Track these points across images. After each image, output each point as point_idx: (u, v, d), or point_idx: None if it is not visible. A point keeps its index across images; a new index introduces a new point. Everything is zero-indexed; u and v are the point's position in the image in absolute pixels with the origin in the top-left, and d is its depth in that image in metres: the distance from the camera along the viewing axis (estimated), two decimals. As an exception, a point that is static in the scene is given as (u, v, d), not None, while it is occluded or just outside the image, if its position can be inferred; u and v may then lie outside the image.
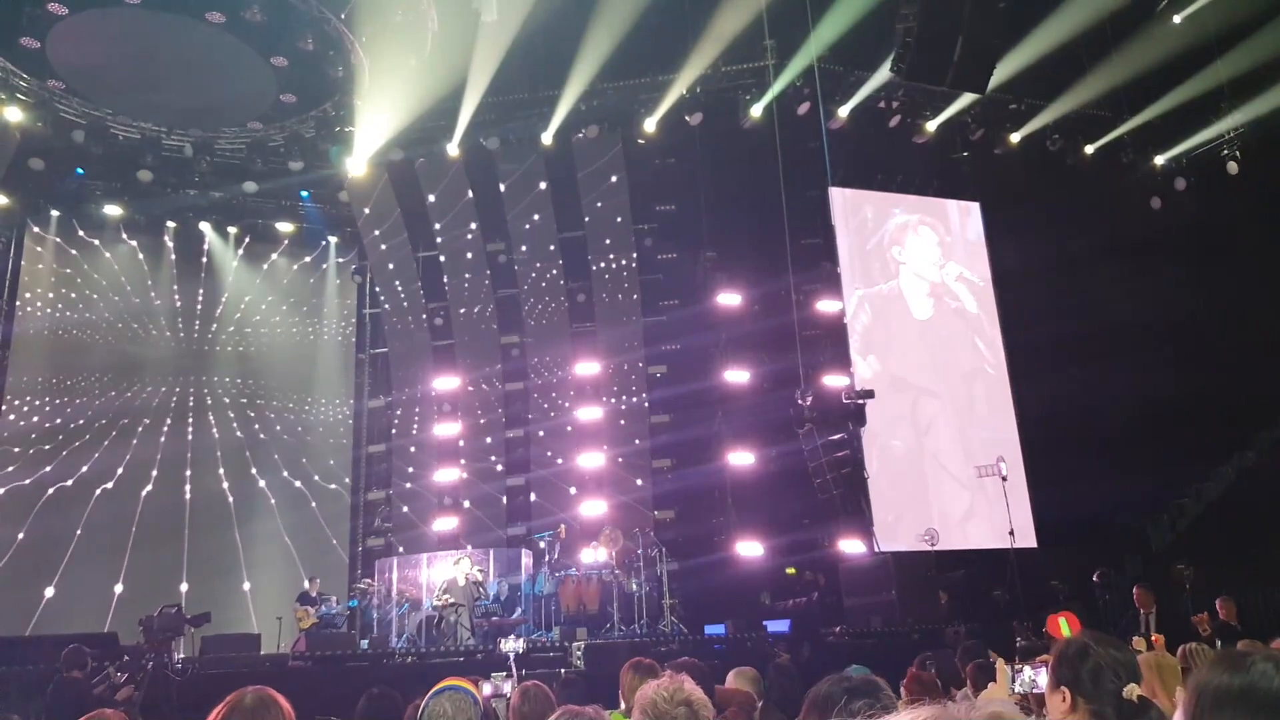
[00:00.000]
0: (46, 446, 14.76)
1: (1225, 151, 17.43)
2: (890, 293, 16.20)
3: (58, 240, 15.94)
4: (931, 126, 16.42)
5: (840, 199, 16.21)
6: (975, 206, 17.27)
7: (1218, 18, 15.41)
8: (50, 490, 14.53)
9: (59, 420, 14.99)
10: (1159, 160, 18.08)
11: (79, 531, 14.40)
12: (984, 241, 17.15)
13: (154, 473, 15.24)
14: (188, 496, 15.44)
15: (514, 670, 6.19)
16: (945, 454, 15.80)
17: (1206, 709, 1.33)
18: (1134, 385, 17.28)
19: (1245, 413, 17.76)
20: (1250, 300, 17.90)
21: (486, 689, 4.31)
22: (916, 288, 16.39)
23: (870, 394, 13.06)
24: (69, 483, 14.66)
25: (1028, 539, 14.82)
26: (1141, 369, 17.31)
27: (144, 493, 15.08)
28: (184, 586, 14.34)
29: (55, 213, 15.89)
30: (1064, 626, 7.14)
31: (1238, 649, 1.44)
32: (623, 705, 4.09)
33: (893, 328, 16.03)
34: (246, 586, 14.98)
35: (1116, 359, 17.20)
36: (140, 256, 16.56)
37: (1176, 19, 15.86)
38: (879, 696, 2.31)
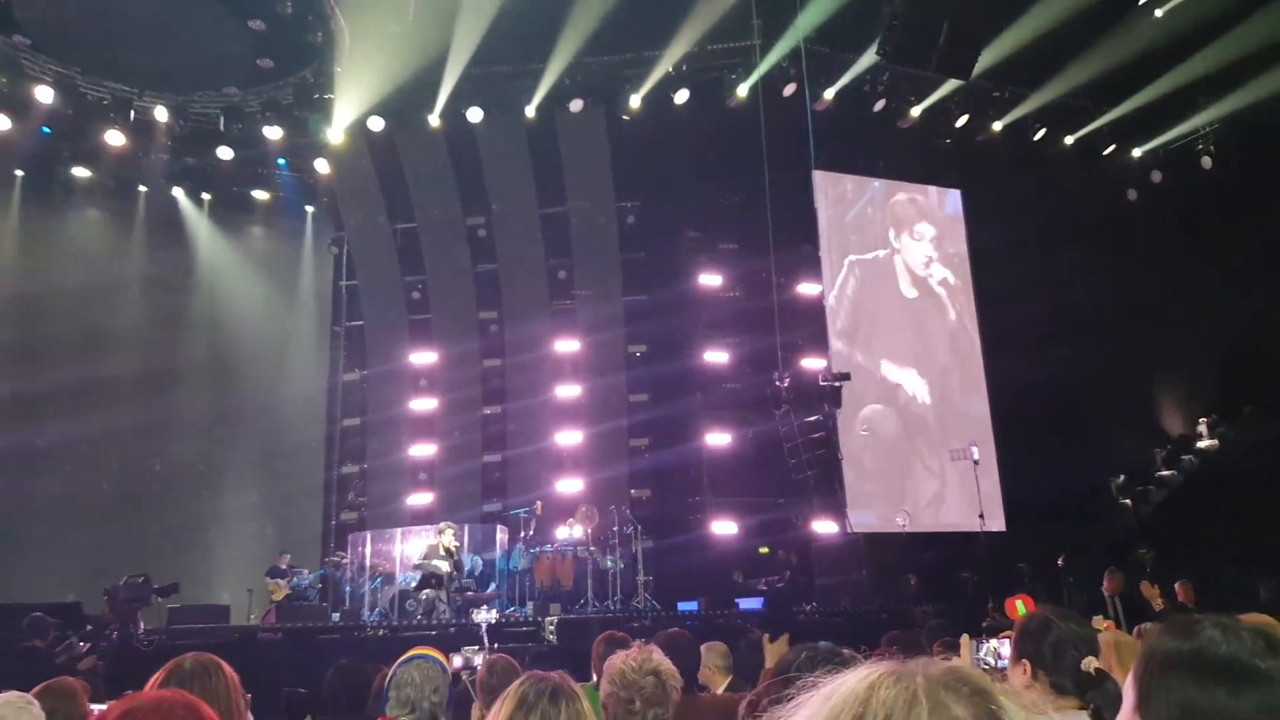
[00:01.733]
0: (11, 415, 14.48)
1: (1200, 146, 17.60)
2: (881, 268, 16.35)
3: (22, 203, 15.55)
4: (916, 111, 16.42)
5: (823, 182, 16.21)
6: (956, 193, 17.34)
7: (1196, 13, 15.51)
8: (14, 459, 14.27)
9: (25, 388, 14.70)
10: (1136, 152, 18.24)
11: (44, 501, 14.18)
12: (964, 228, 17.25)
13: (123, 443, 15.01)
14: (158, 468, 15.26)
15: (486, 642, 6.18)
16: (919, 437, 15.93)
17: (1155, 673, 1.35)
18: (1106, 372, 17.53)
19: (1209, 401, 18.08)
20: (1219, 290, 18.16)
21: (457, 661, 4.30)
22: (904, 277, 16.58)
23: (846, 376, 13.14)
24: (34, 452, 14.41)
25: (997, 522, 15.01)
26: (1113, 356, 17.56)
27: (113, 463, 14.88)
28: (152, 557, 14.17)
29: (20, 173, 15.50)
30: (1021, 608, 7.24)
31: (1188, 617, 1.45)
32: (594, 678, 4.10)
33: (879, 303, 16.20)
34: (222, 578, 14.78)
35: (1089, 347, 17.41)
36: (110, 222, 16.25)
37: (1158, 13, 15.94)
38: (843, 661, 2.32)
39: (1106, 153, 18.01)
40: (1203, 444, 17.42)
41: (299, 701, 5.58)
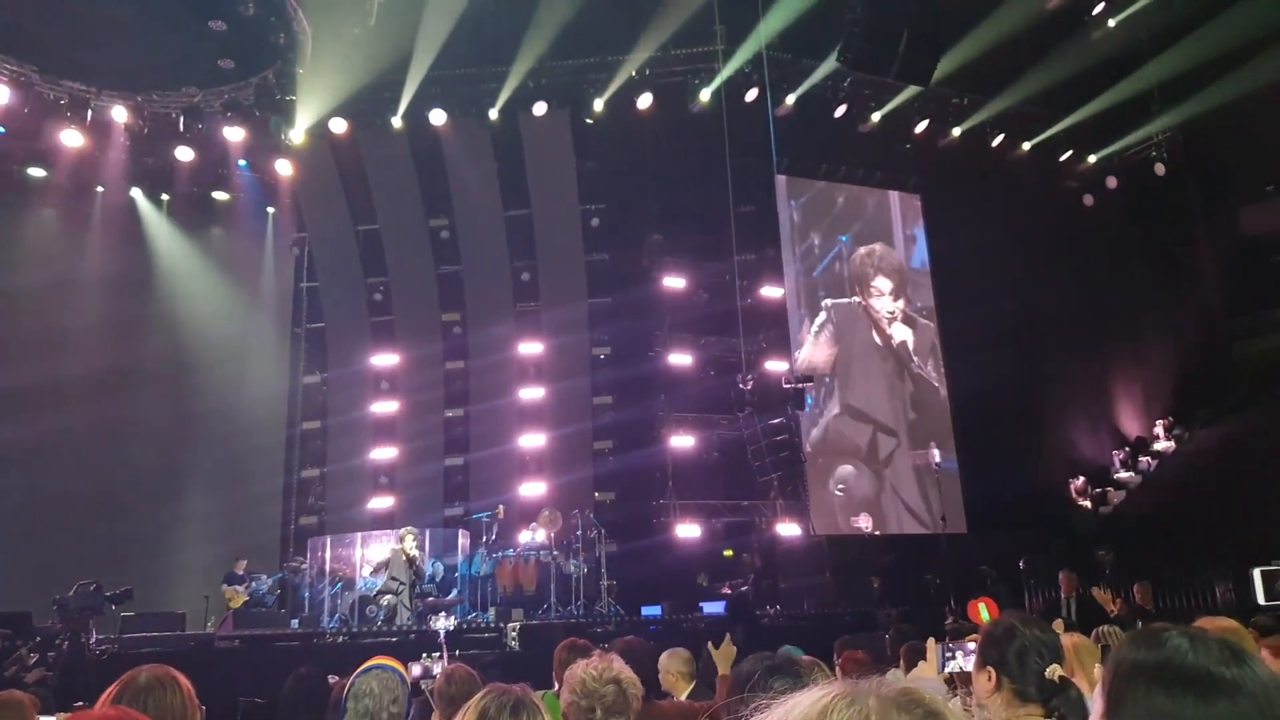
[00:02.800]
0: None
1: (1154, 153, 18.00)
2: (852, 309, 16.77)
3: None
4: (876, 117, 16.62)
5: (786, 186, 16.35)
6: (916, 198, 17.58)
7: (1149, 23, 15.88)
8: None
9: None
10: (1092, 159, 18.61)
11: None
12: (924, 232, 17.49)
13: (77, 446, 14.65)
14: (115, 471, 14.91)
15: (445, 650, 6.13)
16: (881, 440, 16.09)
17: (1124, 683, 1.36)
18: (1064, 375, 17.85)
19: (1166, 403, 18.46)
20: (1175, 294, 18.58)
21: (416, 670, 4.25)
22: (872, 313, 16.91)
23: (809, 379, 13.25)
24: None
25: (958, 524, 15.20)
26: (1071, 359, 17.88)
27: (66, 466, 14.51)
28: (105, 563, 13.84)
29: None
30: (983, 612, 7.33)
31: (1154, 626, 1.47)
32: (556, 686, 4.07)
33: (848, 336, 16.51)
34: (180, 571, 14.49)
35: (1047, 350, 17.73)
36: (67, 222, 15.87)
37: (1111, 22, 16.31)
38: (798, 674, 2.34)
39: (1063, 159, 18.36)
40: (1160, 446, 17.76)
41: (255, 711, 5.49)
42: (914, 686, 0.90)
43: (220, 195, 16.81)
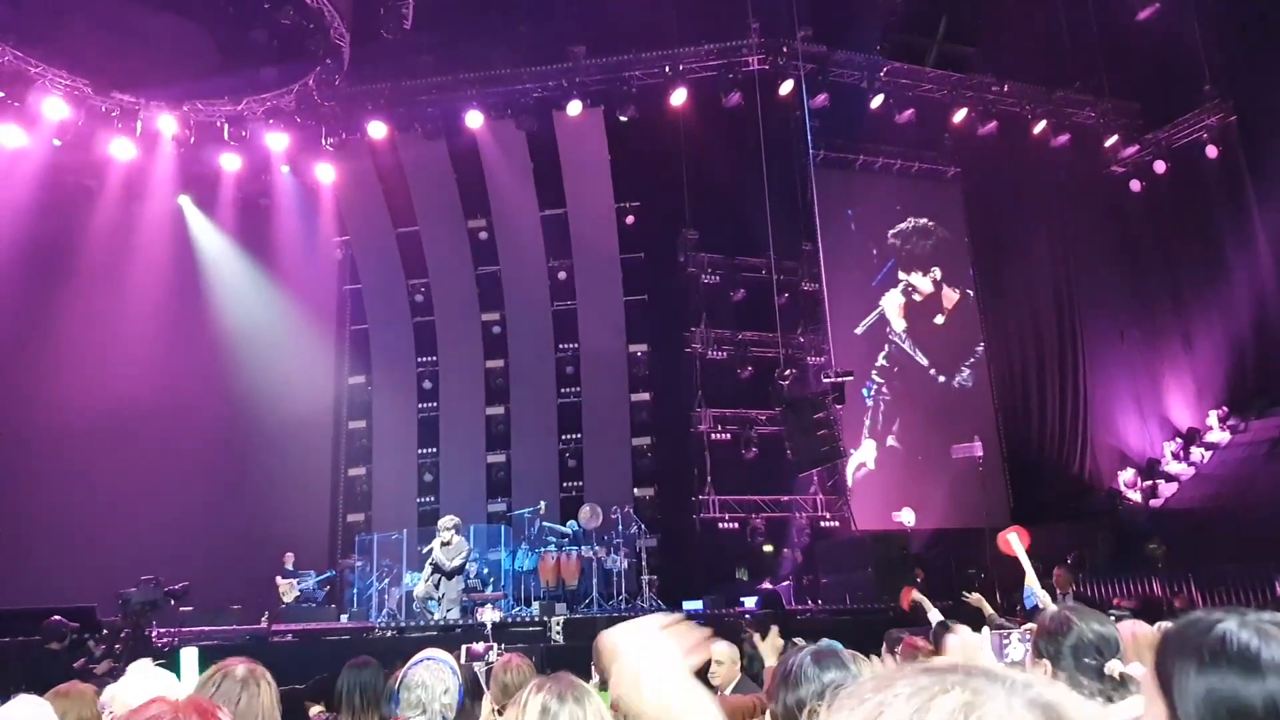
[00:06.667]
0: (19, 423, 14.51)
1: (1205, 136, 17.52)
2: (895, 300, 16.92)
3: (33, 215, 15.58)
4: (914, 107, 16.42)
5: (822, 179, 16.25)
6: (957, 187, 17.37)
7: (1200, 1, 15.47)
8: (23, 465, 14.34)
9: (32, 395, 14.75)
10: (1140, 143, 18.17)
11: (53, 504, 14.25)
12: (965, 222, 17.28)
13: (130, 448, 15.02)
14: (169, 472, 15.28)
15: (490, 640, 6.24)
16: (923, 434, 15.96)
17: (1190, 672, 1.34)
18: (1113, 364, 17.50)
19: (1219, 392, 18.00)
20: (1228, 281, 18.08)
21: (467, 650, 4.37)
22: (910, 298, 16.92)
23: (850, 374, 13.17)
24: (41, 456, 14.47)
25: (1003, 518, 15.01)
26: (1120, 348, 17.52)
27: (119, 467, 14.90)
28: (161, 559, 14.19)
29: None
30: (1015, 543, 6.70)
31: (1202, 613, 1.46)
32: (595, 677, 4.14)
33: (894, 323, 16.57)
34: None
35: (1094, 337, 17.40)
36: (119, 231, 16.29)
37: (1158, 2, 15.91)
38: (845, 665, 2.34)
39: (1109, 144, 17.95)
40: (1213, 437, 17.30)
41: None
42: (1055, 694, 0.78)
43: (264, 201, 17.14)
